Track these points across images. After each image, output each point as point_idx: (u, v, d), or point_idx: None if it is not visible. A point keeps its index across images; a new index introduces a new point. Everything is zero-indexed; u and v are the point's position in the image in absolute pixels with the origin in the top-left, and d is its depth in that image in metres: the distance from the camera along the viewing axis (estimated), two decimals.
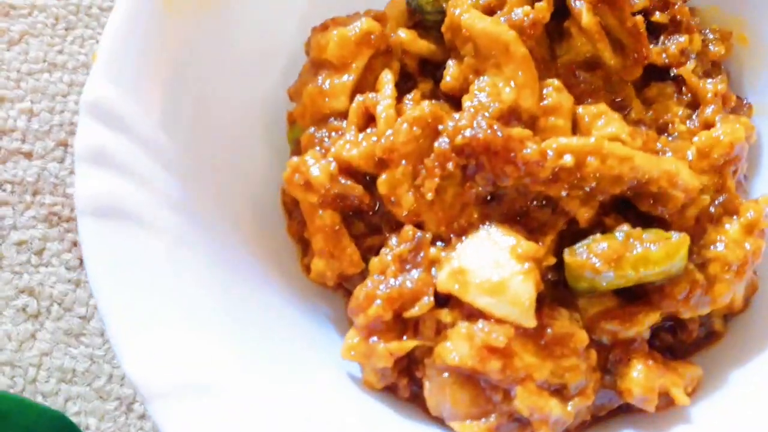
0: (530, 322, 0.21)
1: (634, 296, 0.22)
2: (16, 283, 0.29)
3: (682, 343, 0.23)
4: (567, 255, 0.22)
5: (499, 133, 0.22)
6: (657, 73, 0.26)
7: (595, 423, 0.23)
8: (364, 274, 0.24)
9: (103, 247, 0.20)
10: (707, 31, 0.26)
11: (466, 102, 0.23)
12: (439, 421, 0.22)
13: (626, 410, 0.23)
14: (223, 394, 0.20)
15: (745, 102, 0.26)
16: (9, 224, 0.29)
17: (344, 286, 0.25)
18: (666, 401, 0.22)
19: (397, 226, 0.24)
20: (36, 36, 0.32)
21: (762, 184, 0.25)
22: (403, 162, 0.23)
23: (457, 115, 0.23)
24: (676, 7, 0.25)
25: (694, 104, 0.25)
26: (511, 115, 0.23)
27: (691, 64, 0.25)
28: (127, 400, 0.27)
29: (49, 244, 0.29)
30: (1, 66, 0.32)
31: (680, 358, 0.23)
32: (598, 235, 0.22)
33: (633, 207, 0.23)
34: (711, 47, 0.26)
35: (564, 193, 0.22)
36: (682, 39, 0.25)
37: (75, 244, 0.29)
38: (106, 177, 0.21)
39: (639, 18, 0.24)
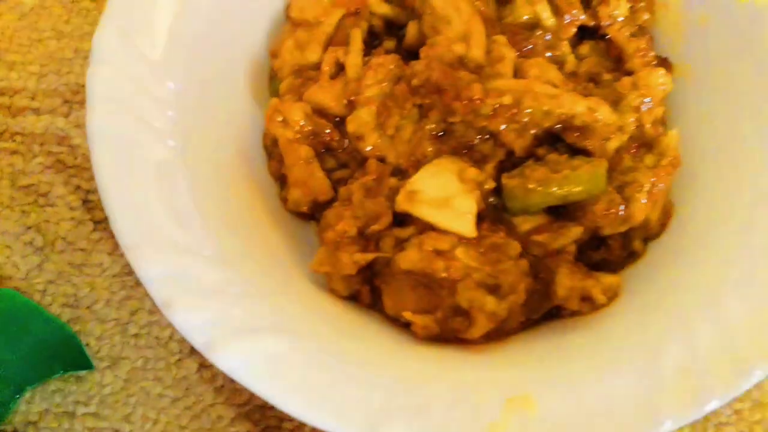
0: (471, 233, 0.25)
1: (561, 215, 0.26)
2: (24, 220, 0.32)
3: (606, 260, 0.27)
4: (504, 178, 0.25)
5: (449, 75, 0.26)
6: (589, 33, 0.30)
7: (531, 325, 0.26)
8: (333, 203, 0.27)
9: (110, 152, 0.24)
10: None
11: (423, 52, 0.27)
12: (396, 322, 0.26)
13: (557, 315, 0.26)
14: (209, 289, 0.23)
15: (666, 60, 0.30)
16: (18, 169, 0.33)
17: (316, 217, 0.29)
18: (590, 305, 0.26)
19: (362, 161, 0.27)
20: (45, 8, 0.36)
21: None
22: (368, 104, 0.27)
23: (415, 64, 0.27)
24: None
25: (621, 59, 0.29)
26: (460, 63, 0.27)
27: (617, 26, 0.29)
28: (123, 321, 0.30)
29: (54, 187, 0.33)
30: (14, 34, 0.36)
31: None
32: (530, 162, 0.26)
33: (563, 141, 0.26)
34: (639, 14, 0.30)
35: (503, 127, 0.26)
36: (611, 5, 0.29)
37: (78, 187, 0.33)
38: (113, 108, 0.25)
39: None
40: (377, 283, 0.26)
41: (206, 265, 0.23)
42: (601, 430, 0.21)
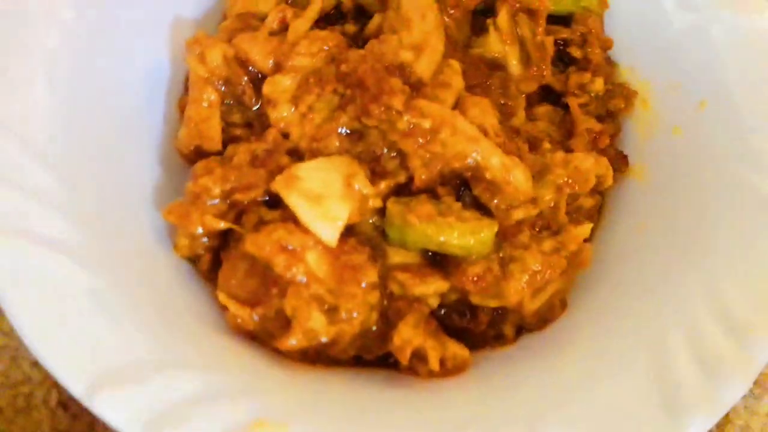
0: (330, 241, 0.22)
1: (437, 264, 0.24)
2: None
3: (468, 331, 0.25)
4: (390, 201, 0.23)
5: (377, 75, 0.23)
6: (553, 97, 0.27)
7: (361, 364, 0.24)
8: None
9: None
10: (616, 84, 0.28)
11: (369, 45, 0.25)
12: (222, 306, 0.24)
13: (396, 366, 0.24)
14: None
15: (624, 156, 0.28)
16: None
17: None
18: (426, 369, 0.23)
19: (266, 128, 0.25)
20: None
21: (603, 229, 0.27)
22: (292, 71, 0.25)
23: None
24: (593, 49, 0.27)
25: (570, 134, 0.26)
26: (399, 70, 0.24)
27: (582, 99, 0.26)
28: None
29: None
30: None
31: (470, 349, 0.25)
32: (424, 196, 0.23)
33: (470, 191, 0.24)
34: (614, 99, 0.28)
35: (413, 150, 0.23)
36: (586, 75, 0.27)
37: None
38: None
39: (549, 38, 0.26)
40: (221, 255, 0.24)
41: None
42: None
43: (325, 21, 0.27)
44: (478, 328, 0.25)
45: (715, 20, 0.26)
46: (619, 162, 0.27)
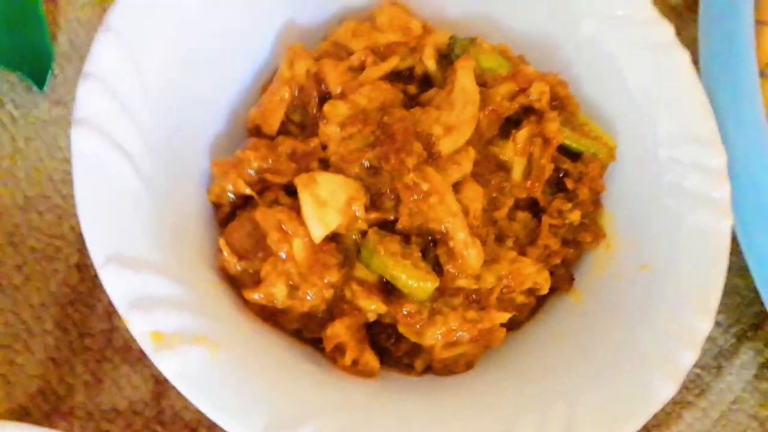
0: (316, 239, 0.29)
1: (388, 291, 0.30)
2: None
3: (387, 351, 0.31)
4: (371, 230, 0.30)
5: (406, 138, 0.30)
6: (535, 209, 0.33)
7: (299, 338, 0.30)
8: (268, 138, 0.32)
9: None
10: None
11: (413, 110, 0.31)
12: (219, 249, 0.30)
13: (322, 350, 0.30)
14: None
15: (571, 278, 0.33)
16: None
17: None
18: (343, 364, 0.29)
19: (311, 133, 0.32)
20: None
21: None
22: (350, 103, 0.31)
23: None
24: (583, 188, 0.33)
25: (532, 243, 0.32)
26: (426, 139, 0.31)
27: (554, 221, 0.32)
28: None
29: None
30: None
31: (383, 364, 0.31)
32: (398, 237, 0.30)
33: (434, 249, 0.30)
34: (582, 233, 0.33)
35: (406, 200, 0.30)
36: (568, 205, 0.33)
37: None
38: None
39: (551, 164, 0.32)
40: (237, 212, 0.31)
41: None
42: None
43: (396, 75, 0.34)
44: (396, 352, 0.31)
45: (687, 216, 0.32)
46: (564, 281, 0.33)
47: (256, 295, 0.28)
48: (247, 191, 0.30)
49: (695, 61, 0.35)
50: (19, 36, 0.33)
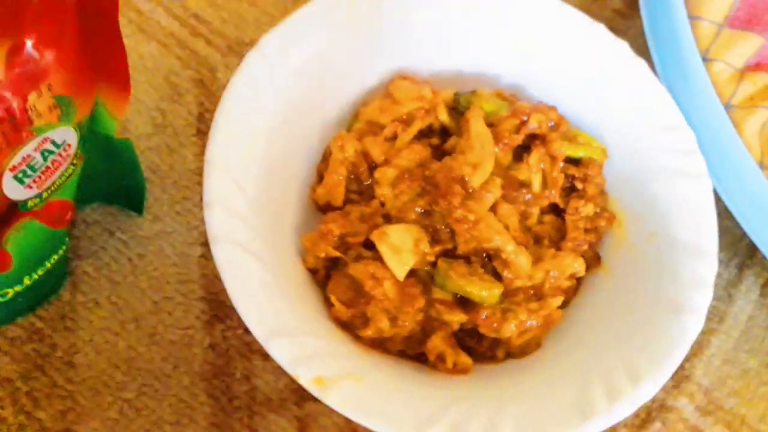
0: (400, 277, 0.36)
1: (463, 302, 0.38)
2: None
3: (473, 349, 0.39)
4: (440, 260, 0.37)
5: (448, 183, 0.38)
6: (557, 211, 0.41)
7: (404, 356, 0.38)
8: (338, 210, 0.40)
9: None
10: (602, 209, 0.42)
11: (445, 159, 0.39)
12: (328, 303, 0.38)
13: (425, 361, 0.38)
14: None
15: (598, 256, 0.41)
16: None
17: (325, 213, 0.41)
18: (443, 366, 0.37)
19: (370, 197, 0.40)
20: None
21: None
22: (395, 167, 0.39)
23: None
24: (590, 185, 0.41)
25: (563, 238, 0.40)
26: (461, 181, 0.39)
27: (575, 217, 0.40)
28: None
29: None
30: None
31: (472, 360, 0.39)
32: (462, 261, 0.38)
33: (490, 262, 0.38)
34: (598, 219, 0.42)
35: (460, 231, 0.38)
36: (581, 202, 0.41)
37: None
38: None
39: (561, 174, 0.40)
40: (331, 272, 0.39)
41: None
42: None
43: (421, 133, 0.42)
44: (480, 348, 0.39)
45: (674, 188, 0.40)
46: (594, 261, 0.41)
47: (368, 332, 0.36)
48: (336, 254, 0.38)
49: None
50: (115, 176, 0.41)
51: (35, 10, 0.29)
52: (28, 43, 0.29)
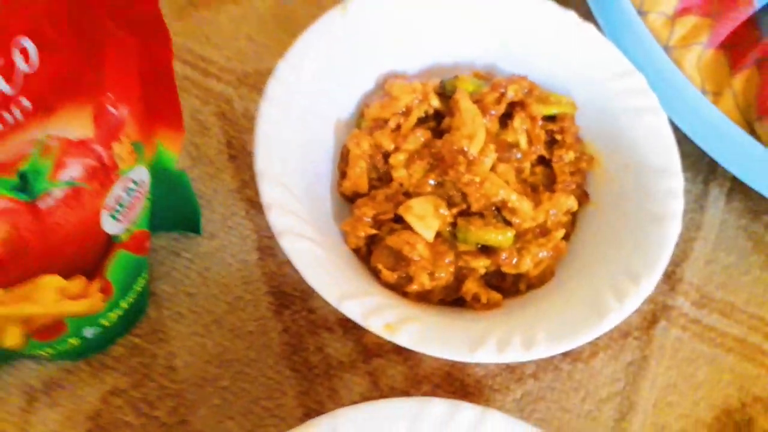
0: (429, 239, 0.44)
1: (485, 250, 0.45)
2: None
3: (500, 287, 0.46)
4: (459, 219, 0.45)
5: (452, 156, 0.46)
6: (545, 162, 0.49)
7: (443, 303, 0.46)
8: (365, 196, 0.48)
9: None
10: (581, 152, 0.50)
11: (444, 137, 0.47)
12: (375, 271, 0.45)
13: (462, 304, 0.46)
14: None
15: (586, 193, 0.49)
16: None
17: (354, 201, 0.49)
18: (479, 304, 0.45)
19: (389, 181, 0.47)
20: None
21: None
22: (405, 152, 0.47)
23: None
24: (567, 135, 0.49)
25: (554, 183, 0.48)
26: (462, 151, 0.46)
27: (561, 164, 0.48)
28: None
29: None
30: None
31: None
32: (477, 216, 0.45)
33: (500, 212, 0.46)
34: (580, 162, 0.50)
35: (470, 192, 0.45)
36: (563, 150, 0.49)
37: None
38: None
39: (542, 130, 0.48)
40: (371, 247, 0.46)
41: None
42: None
43: (419, 120, 0.50)
44: (505, 285, 0.46)
45: (637, 123, 0.48)
46: (583, 197, 0.49)
47: (413, 287, 0.44)
48: (373, 232, 0.45)
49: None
50: (176, 204, 0.48)
51: (110, 74, 0.36)
52: (108, 103, 0.36)
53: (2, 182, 0.34)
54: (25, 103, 0.31)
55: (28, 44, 0.29)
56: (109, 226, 0.40)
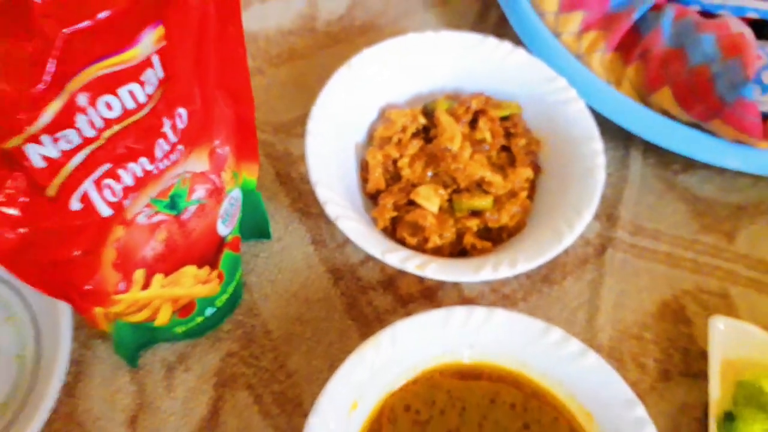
0: (435, 212, 0.63)
1: (474, 215, 0.65)
2: None
3: (490, 237, 0.65)
4: (453, 195, 0.65)
5: (440, 154, 0.65)
6: (506, 149, 0.69)
7: (450, 255, 0.65)
8: (384, 192, 0.67)
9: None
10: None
11: (433, 143, 0.67)
12: (401, 240, 0.65)
13: (464, 254, 0.65)
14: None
15: (539, 166, 0.69)
16: None
17: (376, 198, 0.68)
18: (476, 251, 0.64)
19: (399, 178, 0.67)
20: None
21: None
22: (407, 156, 0.67)
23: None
24: (518, 129, 0.69)
25: (515, 161, 0.68)
26: (446, 150, 0.66)
27: (517, 149, 0.68)
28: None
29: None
30: None
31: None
32: (465, 192, 0.65)
33: (481, 187, 0.66)
34: (531, 146, 0.69)
35: (458, 176, 0.65)
36: (517, 139, 0.69)
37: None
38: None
39: (500, 128, 0.68)
40: (395, 225, 0.65)
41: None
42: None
43: (413, 135, 0.70)
44: (493, 236, 0.66)
45: (564, 111, 0.68)
46: (537, 170, 0.69)
47: (430, 245, 0.63)
48: (395, 214, 0.65)
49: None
50: (253, 218, 0.67)
51: (217, 126, 0.55)
52: (217, 145, 0.56)
53: (161, 203, 0.53)
54: (180, 147, 0.50)
55: (183, 111, 0.49)
56: (222, 229, 0.59)
